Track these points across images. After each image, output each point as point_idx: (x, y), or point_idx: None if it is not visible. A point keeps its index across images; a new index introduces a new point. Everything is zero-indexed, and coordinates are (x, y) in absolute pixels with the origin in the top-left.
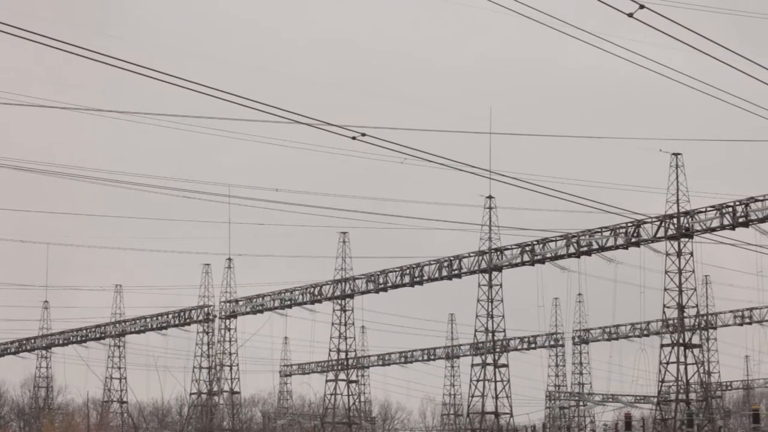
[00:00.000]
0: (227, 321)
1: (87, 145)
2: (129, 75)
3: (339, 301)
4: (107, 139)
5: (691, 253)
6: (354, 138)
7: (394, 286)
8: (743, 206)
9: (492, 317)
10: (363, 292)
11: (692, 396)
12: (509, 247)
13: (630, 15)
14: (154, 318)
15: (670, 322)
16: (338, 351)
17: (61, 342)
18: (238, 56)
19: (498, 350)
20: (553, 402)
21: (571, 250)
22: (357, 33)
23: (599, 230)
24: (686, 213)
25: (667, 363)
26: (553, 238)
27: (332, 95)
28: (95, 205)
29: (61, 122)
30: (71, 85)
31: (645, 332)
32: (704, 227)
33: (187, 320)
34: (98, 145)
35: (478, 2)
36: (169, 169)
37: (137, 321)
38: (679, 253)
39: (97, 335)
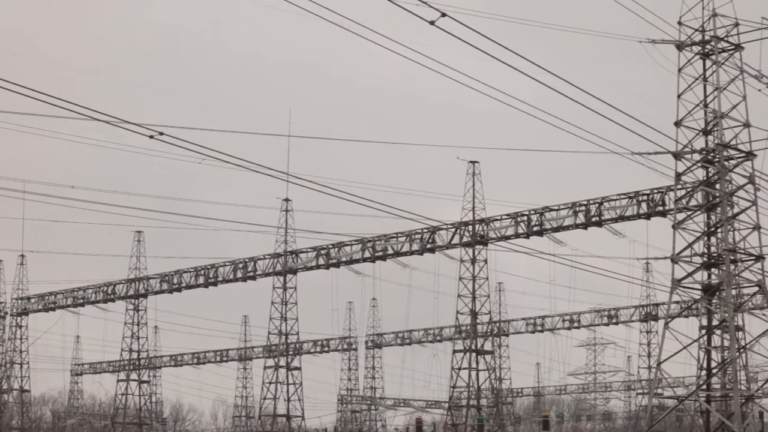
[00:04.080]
0: (18, 318)
1: None
2: None
3: (132, 301)
4: None
5: (486, 261)
6: (152, 137)
7: (188, 287)
8: (538, 215)
9: (286, 320)
10: (157, 292)
11: (483, 402)
12: (305, 250)
13: (432, 23)
14: None
15: (463, 328)
16: (130, 351)
17: None
18: (35, 50)
19: (291, 353)
20: (345, 405)
21: (367, 254)
22: (157, 30)
23: (395, 235)
24: (481, 221)
25: (459, 368)
26: (349, 242)
27: (130, 93)
28: None
29: None
30: None
31: (438, 338)
32: (499, 235)
33: None
34: None
35: (279, 3)
36: None
37: None
38: (473, 260)
39: None
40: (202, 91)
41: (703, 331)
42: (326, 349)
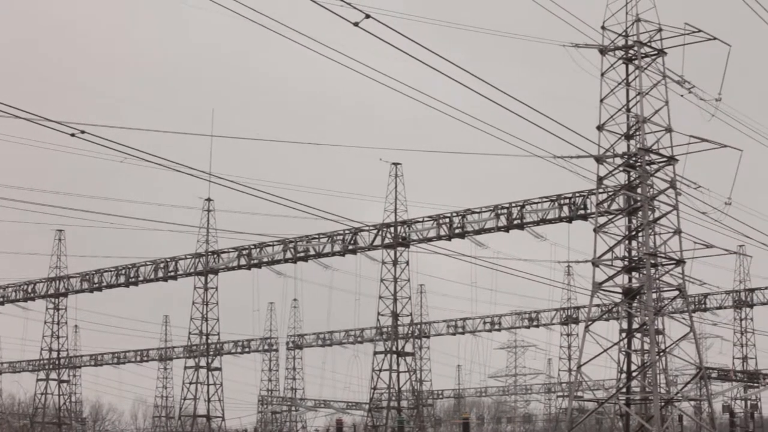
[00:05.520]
0: None
1: None
2: None
3: (52, 300)
4: None
5: (407, 262)
6: (73, 135)
7: (109, 286)
8: (460, 217)
9: (206, 320)
10: (77, 291)
11: (404, 403)
12: (226, 250)
13: (356, 24)
14: None
15: (384, 329)
16: (50, 350)
17: None
18: None
19: (211, 353)
20: (265, 406)
21: (288, 255)
22: (81, 27)
23: (317, 236)
24: (403, 222)
25: (380, 370)
26: (271, 243)
27: (52, 90)
28: None
29: None
30: None
31: (359, 339)
32: (421, 237)
33: None
34: None
35: (203, 3)
36: None
37: None
38: (395, 262)
39: None
40: (123, 89)
41: (624, 335)
42: (247, 349)
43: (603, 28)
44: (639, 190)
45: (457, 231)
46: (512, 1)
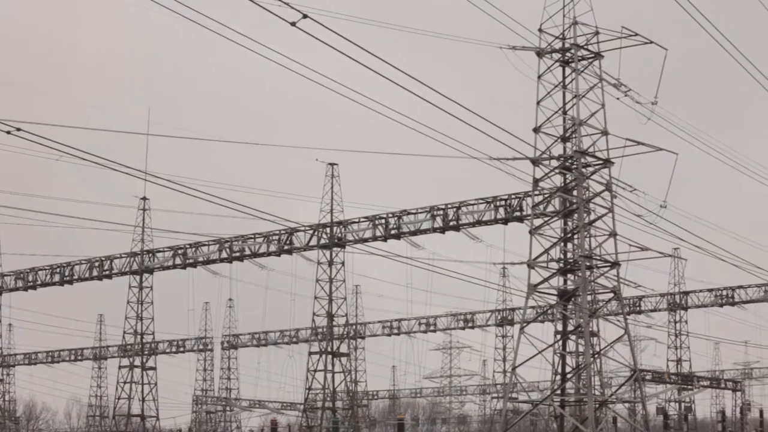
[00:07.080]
0: None
1: None
2: None
3: None
4: None
5: (343, 263)
6: (9, 132)
7: (44, 285)
8: (396, 218)
9: (141, 319)
10: (11, 290)
11: (339, 404)
12: (162, 249)
13: (293, 24)
14: None
15: (319, 330)
16: None
17: None
18: None
19: (146, 353)
20: (200, 406)
21: (224, 255)
22: (13, 24)
23: (252, 236)
24: (339, 223)
25: (315, 370)
26: (206, 243)
27: None
28: None
29: None
30: None
31: (294, 339)
32: (356, 237)
33: None
34: None
35: (141, 2)
36: None
37: None
38: (330, 262)
39: None
40: (59, 87)
41: (558, 336)
42: (182, 349)
43: (540, 30)
44: (575, 193)
45: (392, 232)
46: (450, 3)
